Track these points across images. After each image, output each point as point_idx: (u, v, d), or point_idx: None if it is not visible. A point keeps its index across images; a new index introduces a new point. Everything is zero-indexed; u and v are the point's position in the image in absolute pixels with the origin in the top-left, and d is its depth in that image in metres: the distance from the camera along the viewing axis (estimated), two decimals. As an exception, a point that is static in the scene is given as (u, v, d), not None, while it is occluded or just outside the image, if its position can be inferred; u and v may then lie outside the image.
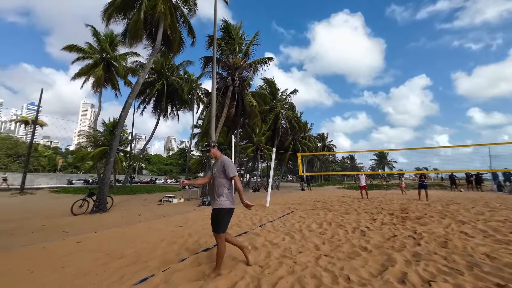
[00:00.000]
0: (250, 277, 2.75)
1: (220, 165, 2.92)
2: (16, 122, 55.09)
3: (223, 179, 2.86)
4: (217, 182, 2.87)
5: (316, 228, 5.39)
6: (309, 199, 12.80)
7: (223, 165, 2.89)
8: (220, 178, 2.86)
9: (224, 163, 2.90)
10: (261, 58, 15.88)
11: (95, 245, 4.24)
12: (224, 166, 2.87)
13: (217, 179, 2.88)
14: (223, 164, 2.90)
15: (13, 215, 8.03)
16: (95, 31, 21.16)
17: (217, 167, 2.93)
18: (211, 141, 3.11)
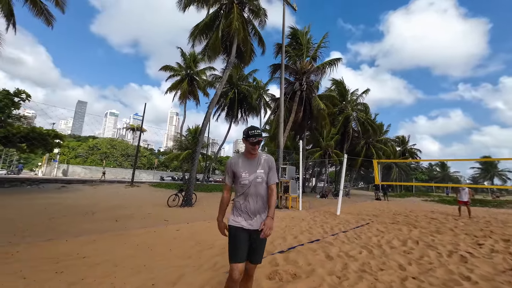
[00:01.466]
0: (328, 285, 2.79)
1: (264, 164, 2.02)
2: (126, 129, 70.51)
3: (266, 185, 2.01)
4: (257, 190, 1.96)
5: (398, 245, 4.86)
6: (387, 211, 11.44)
7: (269, 165, 2.03)
8: (263, 183, 1.99)
9: (269, 162, 2.04)
10: (329, 60, 15.30)
11: (189, 234, 5.10)
12: (270, 166, 2.03)
13: (257, 186, 1.96)
14: (269, 163, 2.03)
15: (130, 202, 10.42)
16: (183, 52, 25.12)
17: (261, 166, 2.01)
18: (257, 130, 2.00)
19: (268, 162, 2.04)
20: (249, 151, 1.99)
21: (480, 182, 57.95)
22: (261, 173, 1.97)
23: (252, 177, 1.96)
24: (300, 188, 10.90)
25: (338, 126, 21.06)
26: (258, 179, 1.96)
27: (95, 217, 6.78)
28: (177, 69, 25.44)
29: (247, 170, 1.97)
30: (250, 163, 2.01)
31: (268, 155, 2.09)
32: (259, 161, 2.02)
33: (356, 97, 23.13)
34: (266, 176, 2.01)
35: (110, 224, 5.89)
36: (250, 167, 1.99)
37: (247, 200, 1.96)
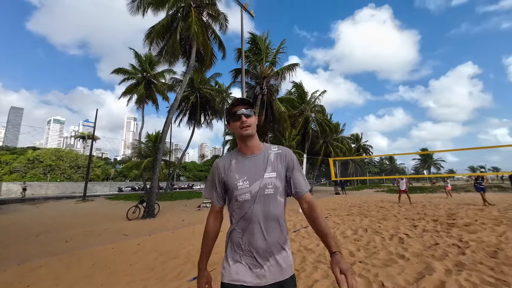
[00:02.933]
0: (288, 279, 3.04)
1: (277, 162, 1.19)
2: (75, 137, 63.33)
3: (282, 198, 1.18)
4: (268, 210, 1.13)
5: (351, 234, 5.43)
6: (344, 204, 12.51)
7: (288, 161, 1.21)
8: (277, 196, 1.16)
9: (288, 158, 1.22)
10: (288, 65, 16.17)
11: (152, 246, 4.93)
12: (289, 164, 1.21)
13: (267, 202, 1.13)
14: (287, 159, 1.22)
15: (84, 219, 9.49)
16: (137, 54, 23.71)
17: (271, 166, 1.17)
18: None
19: (284, 157, 1.19)
20: (243, 136, 1.15)
21: (421, 171, 66.63)
22: (273, 178, 1.13)
23: (257, 186, 1.11)
24: (265, 189, 11.25)
25: (299, 127, 22.24)
26: (269, 189, 1.11)
27: (41, 239, 6.06)
28: (131, 72, 23.89)
29: (247, 176, 1.13)
30: (251, 163, 1.16)
31: (281, 147, 1.23)
32: (267, 157, 1.17)
33: (314, 99, 24.71)
34: (284, 181, 1.17)
35: (60, 246, 5.35)
36: (252, 169, 1.14)
37: (250, 231, 1.10)
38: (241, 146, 1.21)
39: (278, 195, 1.14)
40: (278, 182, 1.14)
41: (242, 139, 1.18)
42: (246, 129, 1.14)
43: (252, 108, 1.20)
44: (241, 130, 1.14)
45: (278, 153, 1.21)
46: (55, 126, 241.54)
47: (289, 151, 1.24)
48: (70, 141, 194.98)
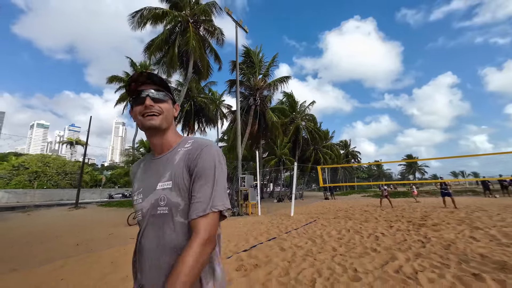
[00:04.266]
0: (281, 268, 3.76)
1: (180, 164, 0.80)
2: (62, 143, 61.93)
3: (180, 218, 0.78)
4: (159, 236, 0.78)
5: (335, 234, 6.22)
6: (332, 209, 13.36)
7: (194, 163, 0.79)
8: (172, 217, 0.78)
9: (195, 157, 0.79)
10: (280, 78, 17.17)
11: (160, 247, 5.52)
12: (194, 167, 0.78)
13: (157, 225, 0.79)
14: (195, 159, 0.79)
15: (83, 226, 9.83)
16: (132, 62, 24.19)
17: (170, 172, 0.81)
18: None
19: (196, 154, 0.80)
20: (144, 127, 0.83)
21: (406, 176, 69.17)
22: (167, 190, 0.79)
23: (148, 203, 0.82)
24: (258, 194, 11.94)
25: (290, 135, 23.23)
26: (161, 208, 0.79)
27: (46, 246, 6.47)
28: (126, 80, 24.29)
29: (143, 188, 0.86)
30: (155, 167, 0.87)
31: (198, 140, 0.86)
32: (171, 158, 0.84)
33: (304, 108, 25.86)
34: (186, 192, 0.79)
35: (71, 250, 5.83)
36: (150, 176, 0.86)
37: (142, 267, 0.81)
38: (151, 143, 0.87)
39: (178, 215, 0.76)
40: (176, 196, 0.77)
41: (146, 133, 0.85)
42: (151, 118, 0.80)
43: (167, 91, 0.87)
44: (143, 118, 0.81)
45: (187, 150, 0.82)
46: (38, 131, 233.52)
47: (204, 145, 0.82)
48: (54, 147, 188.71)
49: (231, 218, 10.74)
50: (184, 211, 0.77)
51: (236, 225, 8.36)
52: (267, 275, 3.48)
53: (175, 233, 0.76)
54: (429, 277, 3.17)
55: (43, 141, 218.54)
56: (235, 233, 6.89)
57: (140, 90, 0.84)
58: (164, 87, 0.87)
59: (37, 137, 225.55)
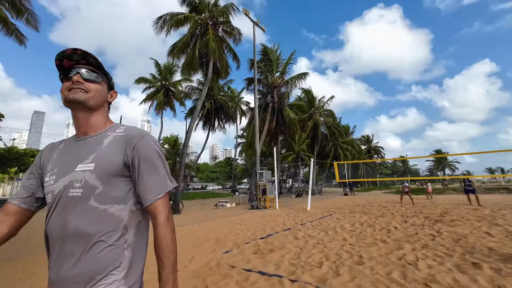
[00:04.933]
0: (293, 253, 4.23)
1: (110, 148, 0.78)
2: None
3: (105, 206, 0.73)
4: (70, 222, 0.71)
5: (348, 227, 6.52)
6: (350, 204, 13.46)
7: (130, 148, 0.78)
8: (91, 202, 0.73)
9: (133, 142, 0.79)
10: (297, 75, 17.29)
11: (187, 233, 6.25)
12: (132, 152, 0.78)
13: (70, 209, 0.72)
14: (131, 144, 0.79)
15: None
16: (157, 64, 25.58)
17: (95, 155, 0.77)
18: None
19: (127, 142, 0.79)
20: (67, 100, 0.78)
21: (435, 173, 65.38)
22: (87, 172, 0.74)
23: (63, 183, 0.75)
24: (276, 189, 12.42)
25: (308, 131, 23.27)
26: (75, 190, 0.73)
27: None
28: (152, 81, 25.82)
29: (58, 168, 0.79)
30: (75, 148, 0.81)
31: (132, 128, 0.84)
32: (101, 141, 0.80)
33: (322, 104, 25.65)
34: (111, 179, 0.76)
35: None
36: (68, 157, 0.80)
37: (50, 254, 0.74)
38: (74, 122, 0.84)
39: (93, 199, 0.72)
40: (95, 179, 0.73)
41: (71, 110, 0.81)
42: (75, 92, 0.77)
43: (101, 74, 0.84)
44: (67, 92, 0.77)
45: (120, 135, 0.80)
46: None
47: (142, 136, 0.80)
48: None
49: (250, 211, 11.35)
50: (101, 196, 0.71)
51: (255, 217, 8.93)
52: (280, 258, 3.97)
53: (87, 218, 0.69)
54: (428, 264, 3.46)
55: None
56: (254, 224, 7.46)
57: (72, 67, 0.79)
58: (99, 70, 0.83)
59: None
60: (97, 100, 0.82)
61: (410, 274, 3.08)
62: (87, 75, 0.80)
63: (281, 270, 3.39)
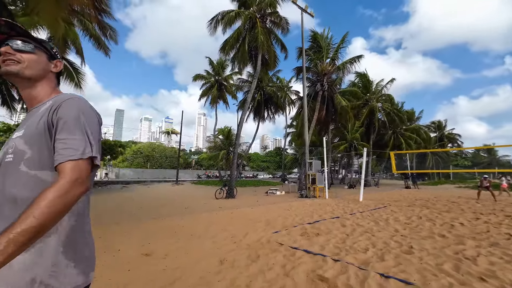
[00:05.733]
0: (339, 238, 4.42)
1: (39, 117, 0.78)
2: (162, 133, 76.42)
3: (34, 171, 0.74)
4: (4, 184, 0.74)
5: (403, 220, 6.20)
6: (410, 198, 12.31)
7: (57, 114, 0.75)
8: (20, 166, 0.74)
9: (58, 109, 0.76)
10: (350, 59, 16.16)
11: (241, 215, 7.03)
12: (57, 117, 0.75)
13: (6, 173, 0.75)
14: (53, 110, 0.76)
15: (185, 196, 12.87)
16: (211, 60, 27.49)
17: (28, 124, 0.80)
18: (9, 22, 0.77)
19: (51, 109, 0.78)
20: (2, 74, 0.81)
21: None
22: (17, 139, 0.78)
23: (2, 151, 0.81)
24: (325, 179, 12.32)
25: (362, 118, 21.62)
26: (8, 155, 0.77)
27: (166, 207, 9.10)
28: (206, 77, 27.96)
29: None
30: (24, 121, 0.87)
31: (62, 95, 0.84)
32: (37, 111, 0.83)
33: (380, 88, 23.28)
34: (36, 143, 0.76)
35: (183, 211, 8.10)
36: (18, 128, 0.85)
37: None
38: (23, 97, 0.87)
39: (22, 164, 0.74)
40: (23, 144, 0.75)
41: (13, 83, 0.84)
42: (7, 63, 0.78)
43: (34, 42, 0.84)
44: (3, 63, 0.78)
45: (49, 105, 0.80)
46: (145, 124, 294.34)
47: (68, 98, 0.79)
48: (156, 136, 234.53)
49: (299, 199, 11.66)
50: (30, 160, 0.73)
51: (303, 205, 9.22)
52: (326, 241, 4.23)
53: (16, 183, 0.72)
54: (491, 260, 3.21)
55: (149, 132, 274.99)
56: (302, 211, 7.77)
57: (5, 41, 0.79)
58: (31, 39, 0.82)
59: (144, 129, 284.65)
60: (34, 70, 0.82)
61: (465, 267, 2.97)
62: (17, 46, 0.79)
63: (326, 251, 3.68)
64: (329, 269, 2.99)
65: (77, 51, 15.09)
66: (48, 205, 0.62)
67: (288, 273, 2.90)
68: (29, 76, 0.81)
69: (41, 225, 0.60)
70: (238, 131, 12.93)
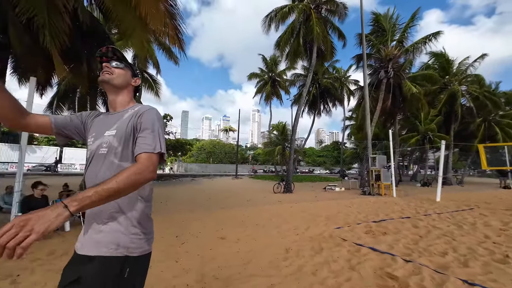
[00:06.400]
0: (410, 239, 4.13)
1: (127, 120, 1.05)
2: (221, 130, 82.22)
3: (119, 161, 1.00)
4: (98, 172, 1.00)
5: (496, 225, 5.24)
6: (509, 200, 10.03)
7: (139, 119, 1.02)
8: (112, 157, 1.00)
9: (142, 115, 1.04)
10: (423, 38, 13.94)
11: (300, 209, 7.19)
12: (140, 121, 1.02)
13: (99, 162, 1.01)
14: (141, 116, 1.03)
15: (245, 190, 13.80)
16: (264, 58, 28.07)
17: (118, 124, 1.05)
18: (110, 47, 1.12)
19: (137, 115, 1.03)
20: (100, 81, 1.08)
21: None
22: (110, 136, 1.01)
23: (96, 144, 1.03)
24: (392, 176, 11.23)
25: (440, 106, 18.40)
26: (102, 148, 1.00)
27: (230, 199, 9.98)
28: (260, 75, 28.72)
29: (95, 133, 1.07)
30: (106, 119, 1.10)
31: (145, 106, 1.08)
32: (122, 115, 1.07)
33: (465, 68, 19.34)
34: (124, 142, 1.00)
35: (246, 203, 8.78)
36: (101, 126, 1.08)
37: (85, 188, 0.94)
38: (108, 101, 1.14)
39: (113, 156, 0.98)
40: (116, 141, 0.99)
41: (106, 91, 1.11)
42: (104, 75, 1.07)
43: (125, 63, 1.13)
44: (102, 75, 1.07)
45: (134, 111, 1.05)
46: (206, 123, 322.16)
47: (148, 109, 1.05)
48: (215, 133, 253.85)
49: (361, 196, 11.00)
50: (118, 154, 0.98)
51: (366, 203, 8.71)
52: (394, 241, 4.01)
53: (108, 170, 0.95)
54: None
55: (209, 130, 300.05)
56: (365, 208, 7.39)
57: (103, 61, 1.10)
58: (123, 61, 1.13)
59: (206, 127, 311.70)
60: (120, 81, 1.10)
61: None
62: (114, 64, 1.10)
63: (394, 251, 3.53)
64: (399, 268, 2.90)
65: (153, 64, 17.68)
66: (127, 177, 0.82)
67: (354, 267, 2.96)
68: (116, 85, 1.09)
69: (118, 189, 0.79)
70: (294, 127, 12.98)
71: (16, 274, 2.68)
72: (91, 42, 7.11)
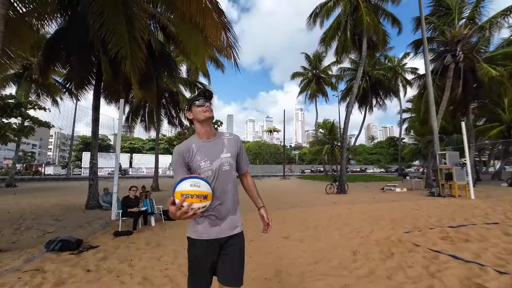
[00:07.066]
0: (502, 248, 3.61)
1: (231, 145, 1.49)
2: (266, 131, 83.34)
3: (234, 172, 1.50)
4: (225, 182, 1.43)
5: None
6: None
7: (238, 145, 1.53)
8: (232, 171, 1.47)
9: (238, 142, 1.54)
10: (503, 11, 11.60)
11: (360, 211, 6.90)
12: (239, 147, 1.54)
13: (225, 176, 1.43)
14: (237, 143, 1.54)
15: (295, 190, 13.79)
16: (307, 55, 27.48)
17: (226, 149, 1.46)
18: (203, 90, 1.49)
19: (235, 142, 1.50)
20: (206, 117, 1.40)
21: None
22: (228, 158, 1.41)
23: (217, 164, 1.38)
24: (469, 174, 9.74)
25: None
26: (225, 167, 1.40)
27: (282, 199, 10.15)
28: (304, 73, 28.19)
29: (208, 157, 1.38)
30: (209, 146, 1.42)
31: (232, 133, 1.55)
32: (222, 141, 1.46)
33: None
34: (235, 160, 1.47)
35: (299, 203, 8.85)
36: (210, 151, 1.40)
37: (215, 200, 1.35)
38: (200, 132, 1.44)
39: (233, 170, 1.45)
40: (232, 161, 1.44)
41: (203, 123, 1.43)
42: (209, 111, 1.41)
43: (211, 99, 1.49)
44: (204, 112, 1.40)
45: (230, 138, 1.51)
46: (250, 125, 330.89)
47: (237, 137, 1.57)
48: (259, 134, 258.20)
49: (428, 198, 9.87)
50: (233, 168, 1.45)
51: (436, 205, 7.81)
52: (480, 249, 3.57)
53: (231, 180, 1.42)
54: None
55: (253, 131, 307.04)
56: (436, 212, 6.66)
57: (200, 99, 1.42)
58: (212, 98, 1.49)
59: (250, 129, 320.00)
60: (213, 116, 1.48)
61: None
62: (210, 102, 1.45)
63: (482, 261, 3.16)
64: (491, 280, 2.62)
65: (203, 74, 19.16)
66: (255, 184, 1.65)
67: (434, 274, 2.79)
68: (212, 119, 1.47)
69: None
70: (345, 125, 12.40)
71: (129, 259, 3.38)
72: (159, 64, 8.24)
